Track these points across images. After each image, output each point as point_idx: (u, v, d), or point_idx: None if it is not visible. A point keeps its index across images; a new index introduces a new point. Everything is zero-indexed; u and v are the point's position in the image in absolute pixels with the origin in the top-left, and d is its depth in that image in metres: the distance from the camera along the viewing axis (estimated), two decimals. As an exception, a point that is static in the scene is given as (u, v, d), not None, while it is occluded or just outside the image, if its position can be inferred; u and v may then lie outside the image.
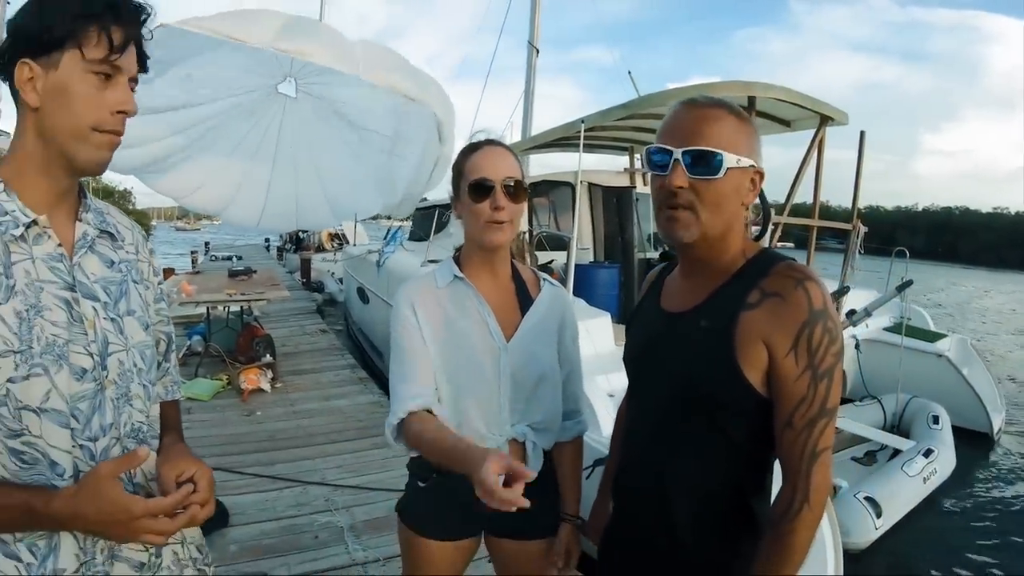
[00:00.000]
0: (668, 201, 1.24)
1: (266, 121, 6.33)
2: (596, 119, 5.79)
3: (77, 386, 1.07)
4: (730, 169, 1.20)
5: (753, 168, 1.25)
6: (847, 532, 4.21)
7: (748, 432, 1.22)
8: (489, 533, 1.72)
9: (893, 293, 6.44)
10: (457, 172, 1.65)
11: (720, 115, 1.22)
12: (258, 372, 6.47)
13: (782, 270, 1.20)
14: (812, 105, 5.70)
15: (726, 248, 1.28)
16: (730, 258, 1.28)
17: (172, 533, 1.07)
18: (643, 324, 1.47)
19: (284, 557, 3.39)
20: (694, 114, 1.23)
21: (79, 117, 1.05)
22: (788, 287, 1.16)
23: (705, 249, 1.27)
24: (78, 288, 1.10)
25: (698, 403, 1.25)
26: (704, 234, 1.23)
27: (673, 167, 1.21)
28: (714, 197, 1.21)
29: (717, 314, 1.23)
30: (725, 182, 1.20)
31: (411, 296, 1.64)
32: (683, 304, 1.32)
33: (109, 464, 1.01)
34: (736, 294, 1.22)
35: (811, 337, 1.14)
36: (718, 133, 1.20)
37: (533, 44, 6.51)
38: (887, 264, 7.12)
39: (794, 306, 1.15)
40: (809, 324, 1.14)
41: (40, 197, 1.09)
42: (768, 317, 1.16)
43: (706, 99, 1.26)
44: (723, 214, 1.23)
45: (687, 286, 1.35)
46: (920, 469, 5.11)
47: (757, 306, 1.18)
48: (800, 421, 1.14)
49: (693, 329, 1.26)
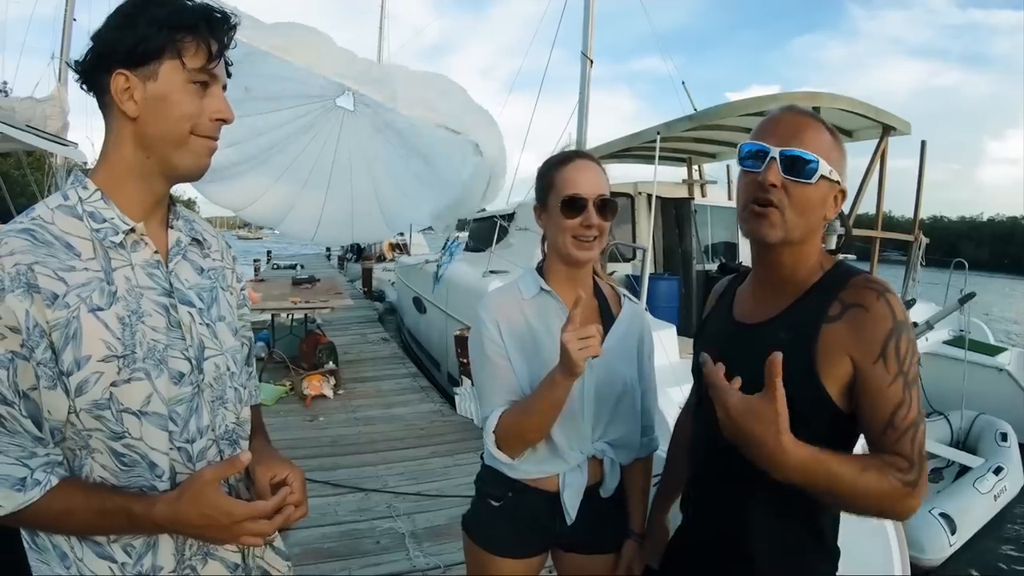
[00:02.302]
0: (758, 197, 1.24)
1: (324, 135, 6.46)
2: (663, 129, 5.76)
3: (176, 390, 1.09)
4: (822, 177, 1.22)
5: (839, 186, 1.27)
6: (922, 548, 4.27)
7: (823, 444, 1.18)
8: (557, 547, 1.71)
9: (955, 306, 6.27)
10: (546, 183, 1.61)
11: (819, 127, 1.25)
12: (321, 379, 6.59)
13: (861, 283, 1.20)
14: (875, 115, 5.57)
15: (804, 258, 1.28)
16: (808, 270, 1.28)
17: (270, 534, 1.10)
18: (715, 335, 1.45)
19: (345, 561, 3.44)
20: (796, 119, 1.26)
21: (180, 125, 1.07)
22: (871, 299, 1.17)
23: (784, 255, 1.28)
24: (175, 294, 1.13)
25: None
26: (786, 237, 1.24)
27: (768, 164, 1.22)
28: (802, 201, 1.22)
29: (797, 326, 1.23)
30: (815, 189, 1.22)
31: (494, 310, 1.62)
32: (759, 315, 1.32)
33: (211, 470, 1.04)
34: (816, 306, 1.22)
35: (898, 346, 1.14)
36: (816, 141, 1.22)
37: (587, 55, 6.50)
38: (949, 276, 6.96)
39: (879, 317, 1.15)
40: (895, 333, 1.14)
41: (136, 205, 1.11)
42: (851, 329, 1.16)
43: (806, 110, 1.29)
44: (807, 220, 1.24)
45: (762, 297, 1.34)
46: (991, 486, 5.10)
47: (839, 319, 1.18)
48: (903, 423, 1.13)
49: (772, 340, 1.23)
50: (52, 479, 1.01)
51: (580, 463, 1.61)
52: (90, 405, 1.01)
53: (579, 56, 6.51)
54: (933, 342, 6.96)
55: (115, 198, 1.09)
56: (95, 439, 1.03)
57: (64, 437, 1.03)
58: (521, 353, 1.58)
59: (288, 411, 6.03)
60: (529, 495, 1.63)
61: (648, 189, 7.17)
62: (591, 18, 6.60)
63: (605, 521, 1.68)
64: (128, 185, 1.10)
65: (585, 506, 1.62)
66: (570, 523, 1.62)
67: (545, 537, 1.67)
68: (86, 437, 1.03)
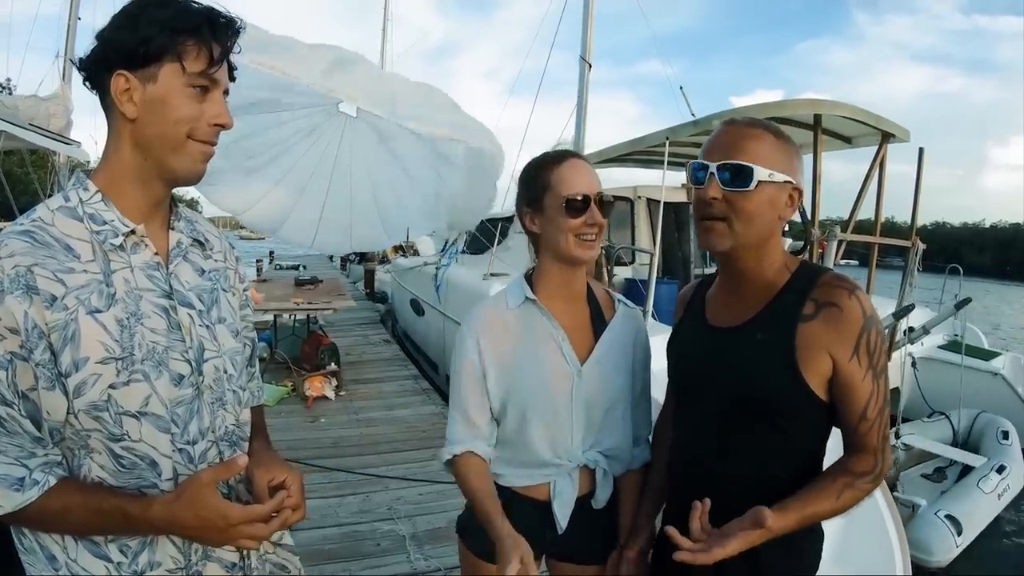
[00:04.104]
0: (703, 212, 1.33)
1: (325, 141, 6.44)
2: (671, 134, 5.78)
3: (176, 392, 1.10)
4: (762, 182, 1.28)
5: (791, 185, 1.32)
6: (929, 551, 4.34)
7: (809, 434, 1.34)
8: (550, 556, 1.69)
9: (951, 311, 6.30)
10: (540, 185, 1.57)
11: (756, 134, 1.31)
12: (323, 380, 6.60)
13: (830, 281, 1.29)
14: (874, 122, 5.59)
15: (766, 260, 1.35)
16: (774, 272, 1.36)
17: (267, 537, 1.09)
18: (689, 341, 1.52)
19: (346, 563, 3.44)
20: (732, 132, 1.32)
21: (178, 129, 1.07)
22: (843, 298, 1.26)
23: (744, 260, 1.35)
24: (175, 296, 1.13)
25: (760, 411, 1.32)
26: (738, 244, 1.32)
27: (708, 179, 1.30)
28: (746, 209, 1.29)
29: (773, 326, 1.31)
30: (757, 195, 1.28)
31: (477, 326, 1.62)
32: (732, 319, 1.39)
33: (209, 472, 1.04)
34: (790, 306, 1.30)
35: (868, 341, 1.25)
36: (753, 149, 1.28)
37: (585, 59, 6.52)
38: (944, 282, 7.09)
39: (851, 315, 1.25)
40: (866, 330, 1.25)
41: (136, 206, 1.10)
42: (828, 327, 1.26)
43: (746, 119, 1.34)
44: (756, 226, 1.31)
45: (733, 301, 1.41)
46: (995, 486, 5.16)
47: (814, 317, 1.27)
48: (873, 413, 1.27)
49: (749, 342, 1.33)
50: (50, 479, 1.02)
51: (568, 472, 1.59)
52: (88, 406, 1.01)
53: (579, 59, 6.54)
54: (929, 346, 7.04)
55: (115, 200, 1.09)
56: (94, 439, 1.04)
57: (63, 437, 1.04)
58: (499, 367, 1.58)
59: (289, 412, 6.04)
60: (520, 503, 1.61)
61: (647, 193, 7.20)
62: (590, 22, 6.63)
63: (597, 532, 1.65)
64: (128, 187, 1.10)
65: (577, 516, 1.60)
66: (560, 532, 1.60)
67: (538, 545, 1.60)
68: (85, 437, 1.04)
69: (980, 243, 71.62)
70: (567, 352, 1.57)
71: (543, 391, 1.56)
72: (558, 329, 1.58)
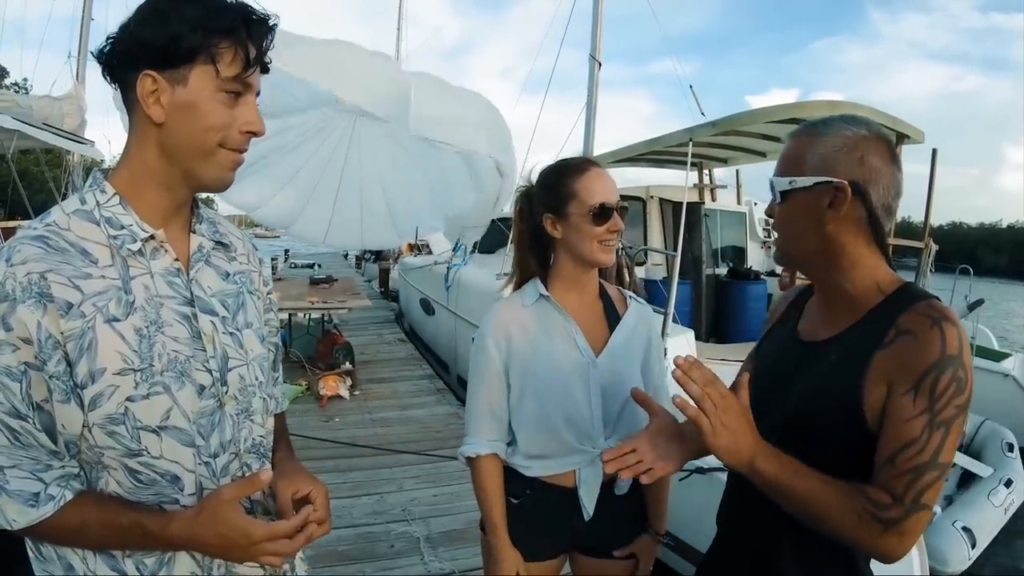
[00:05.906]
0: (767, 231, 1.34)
1: (335, 138, 6.46)
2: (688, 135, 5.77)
3: (199, 403, 1.05)
4: (785, 192, 1.24)
5: (831, 184, 1.17)
6: (945, 561, 4.37)
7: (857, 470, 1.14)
8: (576, 550, 1.74)
9: (964, 312, 6.24)
10: (566, 193, 1.62)
11: (791, 144, 1.27)
12: (337, 379, 6.59)
13: (922, 308, 1.13)
14: (890, 123, 5.54)
15: (844, 276, 1.23)
16: (860, 290, 1.22)
17: (291, 554, 1.06)
18: (776, 349, 1.42)
19: (359, 564, 3.43)
20: (783, 151, 1.29)
21: (208, 137, 1.01)
22: (923, 326, 1.10)
23: (815, 273, 1.30)
24: (196, 303, 1.07)
25: (814, 439, 1.19)
26: (786, 256, 1.30)
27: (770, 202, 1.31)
28: (781, 221, 1.28)
29: (851, 350, 1.18)
30: (788, 206, 1.25)
31: (495, 324, 1.68)
32: (820, 334, 1.29)
33: (231, 488, 1.00)
34: (873, 331, 1.16)
35: (936, 382, 1.06)
36: (784, 161, 1.26)
37: (595, 58, 6.50)
38: (964, 283, 7.02)
39: (926, 347, 1.08)
40: (937, 368, 1.06)
41: (157, 211, 1.05)
42: (897, 356, 1.10)
43: (790, 133, 1.30)
44: (792, 236, 1.27)
45: (821, 315, 1.32)
46: (1003, 499, 5.19)
47: (891, 344, 1.12)
48: (905, 464, 1.06)
49: (824, 361, 1.22)
50: (67, 494, 0.98)
51: (593, 459, 1.64)
52: (104, 420, 0.97)
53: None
54: None
55: (134, 203, 1.03)
56: (108, 457, 0.99)
57: (79, 451, 1.00)
58: (518, 362, 1.65)
59: (304, 411, 6.02)
60: (547, 492, 1.67)
61: (660, 193, 7.17)
62: (599, 21, 6.61)
63: (621, 518, 1.71)
64: (149, 191, 1.04)
65: (602, 502, 1.66)
66: (587, 518, 1.65)
67: (564, 537, 1.70)
68: (99, 454, 0.99)
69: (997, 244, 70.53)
70: (582, 345, 1.65)
71: (561, 383, 1.63)
72: (571, 323, 1.66)
